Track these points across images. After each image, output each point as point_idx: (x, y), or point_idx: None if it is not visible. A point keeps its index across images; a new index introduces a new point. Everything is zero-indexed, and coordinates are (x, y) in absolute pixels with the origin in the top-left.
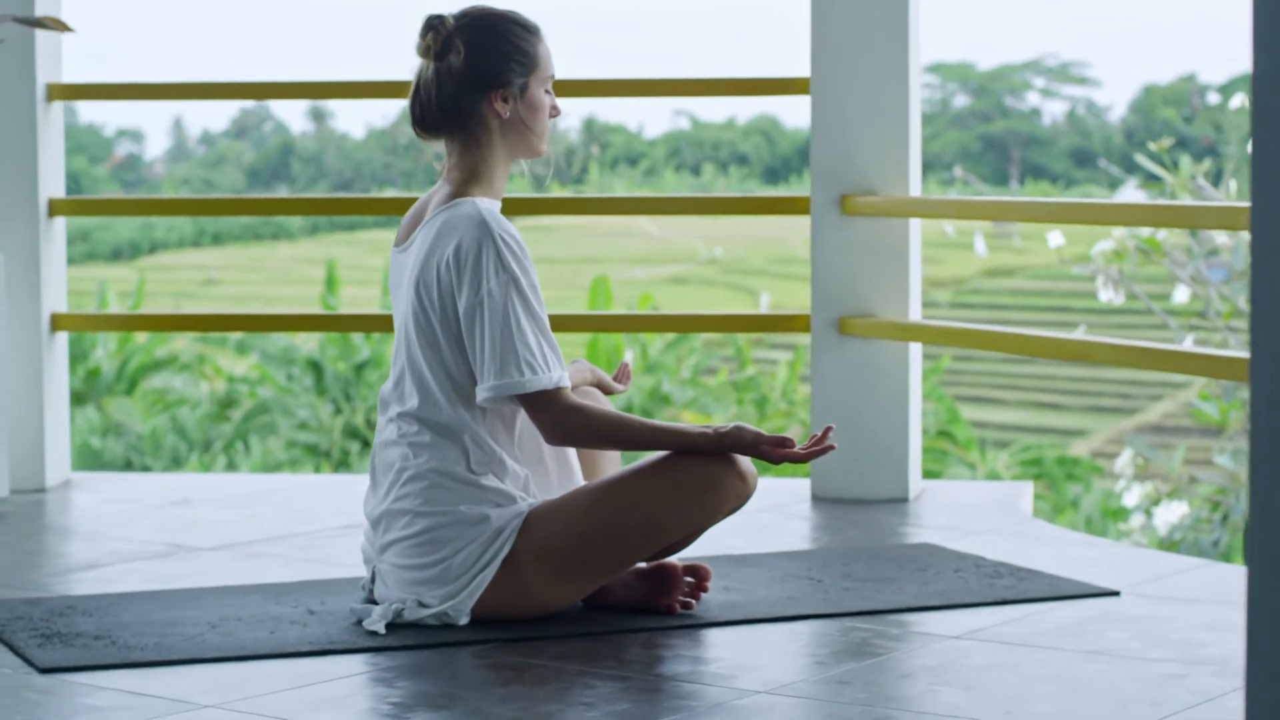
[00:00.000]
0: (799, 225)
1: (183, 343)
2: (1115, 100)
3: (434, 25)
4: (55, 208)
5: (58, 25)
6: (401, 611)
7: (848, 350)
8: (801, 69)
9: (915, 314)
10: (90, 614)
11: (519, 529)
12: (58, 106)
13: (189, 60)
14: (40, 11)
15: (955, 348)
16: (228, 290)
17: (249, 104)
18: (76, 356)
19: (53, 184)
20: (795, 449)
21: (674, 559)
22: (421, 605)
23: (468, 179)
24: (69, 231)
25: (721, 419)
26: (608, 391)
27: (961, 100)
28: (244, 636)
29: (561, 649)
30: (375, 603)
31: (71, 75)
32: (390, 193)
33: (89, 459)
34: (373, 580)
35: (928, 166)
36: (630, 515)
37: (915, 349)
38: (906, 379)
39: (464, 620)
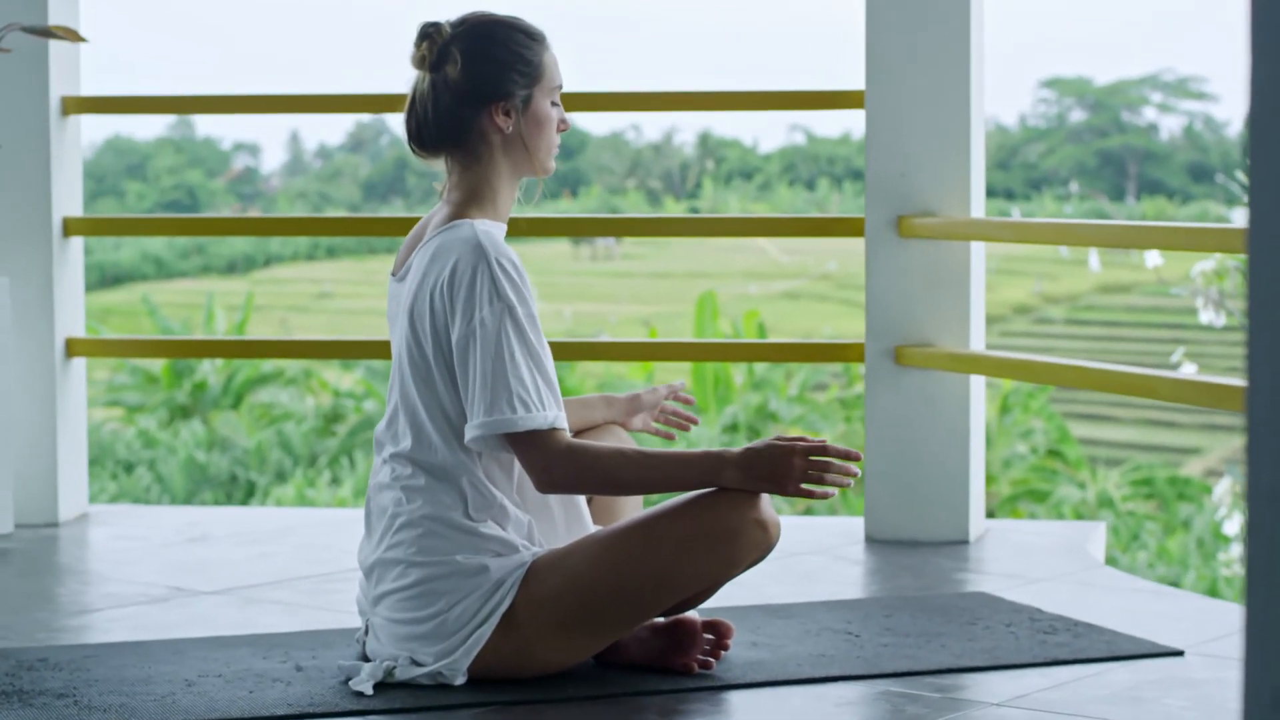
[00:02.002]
0: None
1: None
2: (1233, 115)
3: (429, 34)
4: (71, 227)
5: (70, 35)
6: (393, 670)
7: (905, 381)
8: (857, 82)
9: (977, 343)
10: (61, 668)
11: (521, 580)
12: (74, 120)
13: (219, 72)
14: (55, 21)
15: (1016, 380)
16: (341, 304)
17: (365, 117)
18: (183, 371)
19: (68, 202)
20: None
21: (694, 613)
22: (414, 663)
23: (468, 199)
24: (183, 244)
25: (830, 437)
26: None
27: (1078, 115)
28: (219, 696)
29: (565, 714)
30: (368, 659)
31: (101, 88)
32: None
33: (194, 473)
34: (366, 634)
35: (1044, 181)
36: (642, 567)
37: (977, 381)
38: (967, 412)
39: (460, 680)
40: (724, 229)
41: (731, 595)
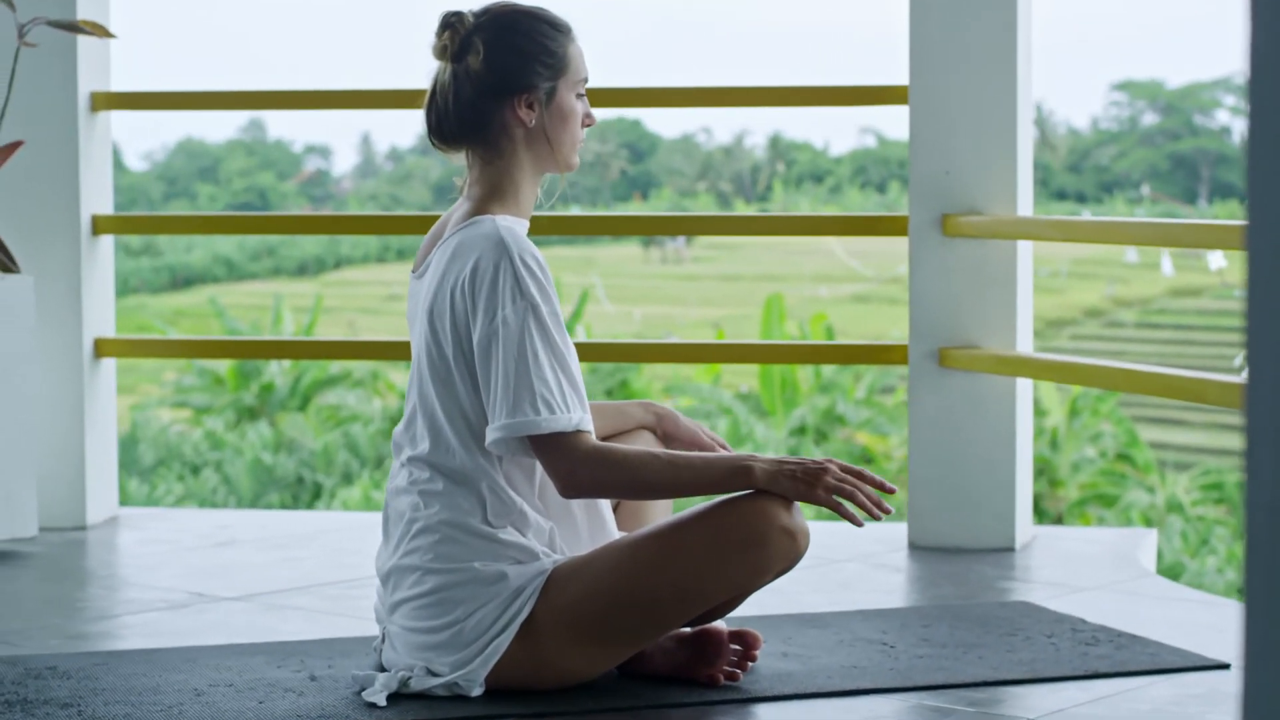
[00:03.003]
0: None
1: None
2: None
3: (450, 23)
4: (100, 225)
5: (97, 30)
6: (408, 680)
7: (949, 384)
8: (901, 77)
9: (1024, 345)
10: (69, 676)
11: (540, 589)
12: (104, 117)
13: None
14: (85, 16)
15: (1061, 383)
16: None
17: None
18: (251, 372)
19: (97, 200)
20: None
21: (721, 623)
22: (430, 673)
23: (489, 195)
24: (254, 246)
25: (896, 440)
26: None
27: (1150, 118)
28: (226, 707)
29: None
30: (385, 669)
31: (137, 85)
32: (575, 210)
33: (261, 475)
34: (383, 642)
35: (1116, 185)
36: (664, 576)
37: (1024, 384)
38: (1013, 416)
39: (477, 691)
40: (767, 228)
41: (765, 603)
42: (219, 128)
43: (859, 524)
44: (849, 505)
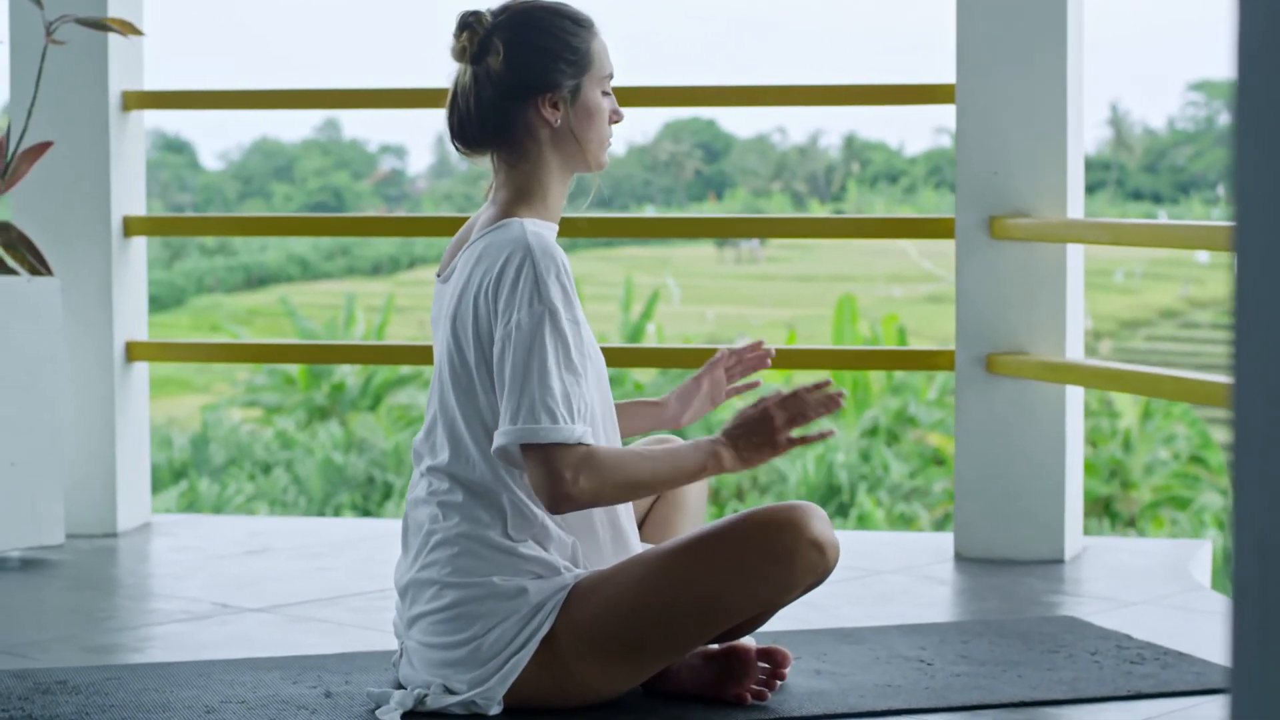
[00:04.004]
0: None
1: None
2: None
3: (469, 23)
4: (131, 227)
5: (125, 28)
6: (424, 698)
7: (997, 391)
8: (948, 75)
9: (1074, 352)
10: (79, 691)
11: (561, 604)
12: (136, 116)
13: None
14: (116, 14)
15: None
16: None
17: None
18: (321, 372)
19: (129, 201)
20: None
21: (750, 640)
22: (448, 691)
23: (515, 198)
24: (328, 246)
25: None
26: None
27: (1228, 118)
28: None
29: None
30: (402, 686)
31: (169, 84)
32: (649, 210)
33: (331, 475)
34: (401, 658)
35: (1192, 185)
36: (687, 592)
37: (1075, 391)
38: (1063, 424)
39: (495, 710)
40: (814, 230)
41: (802, 617)
42: (295, 127)
43: (831, 433)
44: (811, 428)
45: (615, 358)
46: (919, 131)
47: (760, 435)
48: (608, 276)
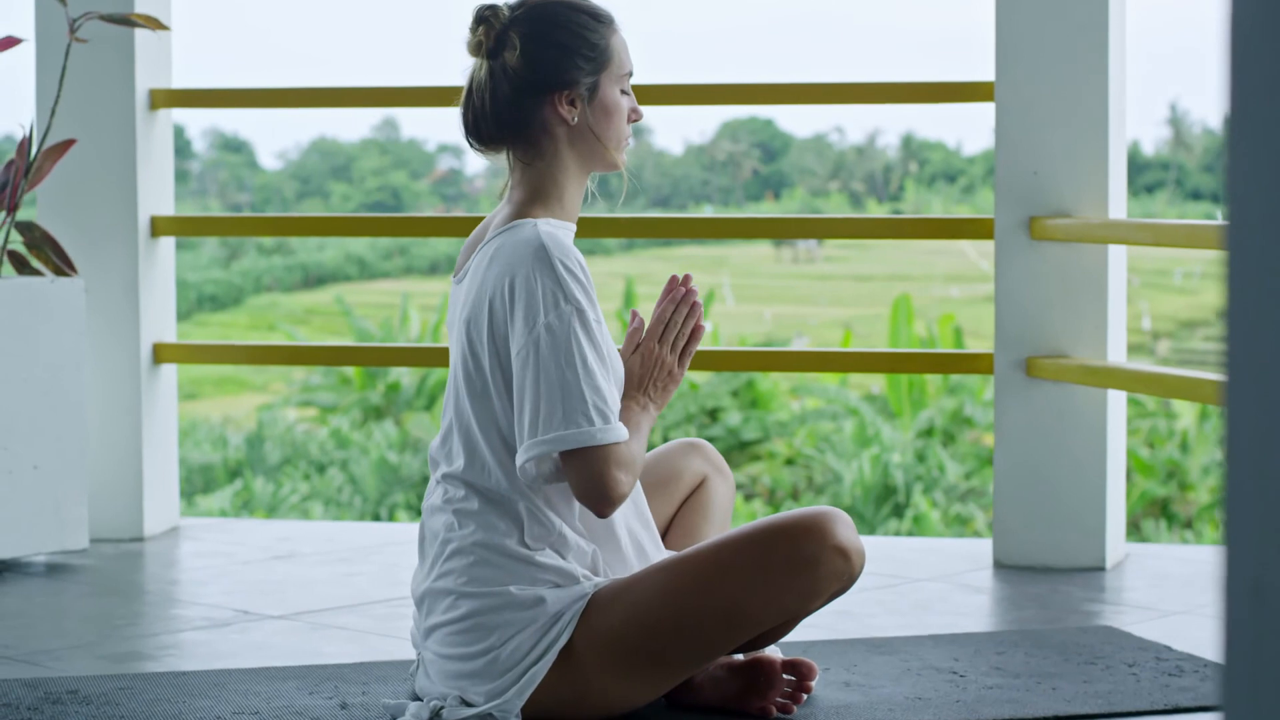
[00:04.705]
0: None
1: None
2: None
3: (485, 17)
4: (158, 227)
5: (151, 23)
6: (440, 710)
7: (1037, 395)
8: (988, 73)
9: (1116, 355)
10: (90, 701)
11: (580, 613)
12: (164, 115)
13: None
14: (143, 10)
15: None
16: None
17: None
18: (377, 372)
19: (157, 200)
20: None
21: (776, 650)
22: (464, 703)
23: (531, 198)
24: (386, 245)
25: None
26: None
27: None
28: None
29: None
30: (419, 697)
31: (205, 81)
32: (707, 210)
33: (386, 474)
34: (418, 669)
35: None
36: (709, 600)
37: (1117, 395)
38: (1104, 429)
39: None
40: (850, 230)
41: (834, 626)
42: (353, 127)
43: (705, 327)
44: (692, 345)
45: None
46: (978, 131)
47: (657, 375)
48: (664, 276)
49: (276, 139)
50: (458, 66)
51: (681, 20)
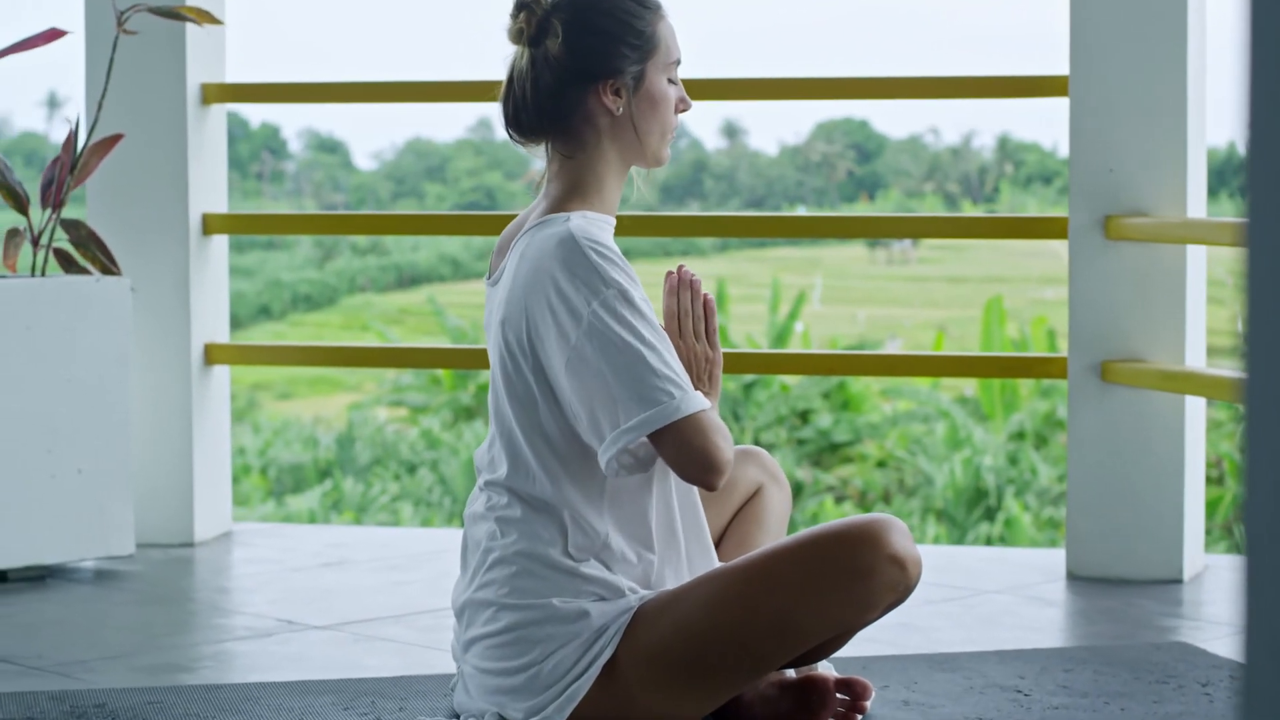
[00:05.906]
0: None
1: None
2: None
3: (526, 4)
4: (211, 225)
5: (202, 17)
6: None
7: (1112, 401)
8: (1061, 66)
9: (1195, 359)
10: (117, 715)
11: (625, 628)
12: (218, 110)
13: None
14: (192, 3)
15: (1233, 402)
16: None
17: None
18: (468, 374)
19: (209, 198)
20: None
21: (830, 668)
22: None
23: (569, 191)
24: (479, 245)
25: None
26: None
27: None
28: None
29: None
30: (457, 713)
31: (261, 77)
32: (800, 210)
33: (475, 475)
34: (458, 683)
35: None
36: (759, 613)
37: (1195, 401)
38: (1182, 436)
39: None
40: (918, 230)
41: (897, 640)
42: (448, 127)
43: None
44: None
45: (758, 363)
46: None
47: (697, 367)
48: (758, 277)
49: (372, 139)
50: (498, 55)
51: (734, 17)
